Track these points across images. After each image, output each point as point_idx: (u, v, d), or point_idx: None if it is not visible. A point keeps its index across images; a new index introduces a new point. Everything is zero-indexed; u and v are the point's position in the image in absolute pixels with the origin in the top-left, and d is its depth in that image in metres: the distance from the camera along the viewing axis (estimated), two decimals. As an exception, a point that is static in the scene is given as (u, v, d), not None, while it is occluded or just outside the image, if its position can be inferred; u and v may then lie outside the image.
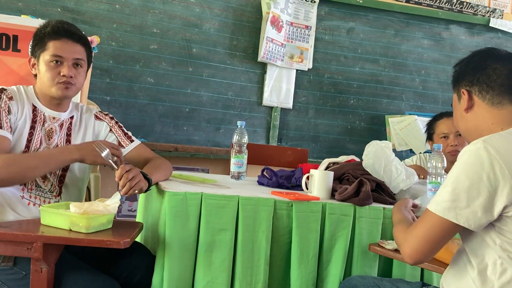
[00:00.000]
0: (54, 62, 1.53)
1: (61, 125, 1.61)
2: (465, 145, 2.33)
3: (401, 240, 1.18)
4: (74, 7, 2.89)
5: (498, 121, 1.16)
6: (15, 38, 2.40)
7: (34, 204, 1.52)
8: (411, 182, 1.71)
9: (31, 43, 1.59)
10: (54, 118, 1.60)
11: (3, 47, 2.39)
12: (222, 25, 3.22)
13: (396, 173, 1.69)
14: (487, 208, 1.03)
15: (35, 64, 1.58)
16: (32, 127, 1.54)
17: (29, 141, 1.53)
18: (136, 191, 1.43)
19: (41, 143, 1.56)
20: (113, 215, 1.36)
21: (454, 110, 1.31)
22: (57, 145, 1.59)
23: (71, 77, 1.54)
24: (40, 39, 1.55)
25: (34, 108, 1.58)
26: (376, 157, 1.69)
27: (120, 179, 1.39)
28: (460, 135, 2.22)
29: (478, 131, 1.19)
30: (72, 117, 1.65)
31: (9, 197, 1.49)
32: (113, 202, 1.34)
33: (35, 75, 1.60)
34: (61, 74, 1.53)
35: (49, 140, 1.58)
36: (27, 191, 1.52)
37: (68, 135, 1.63)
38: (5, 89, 1.54)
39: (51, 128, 1.59)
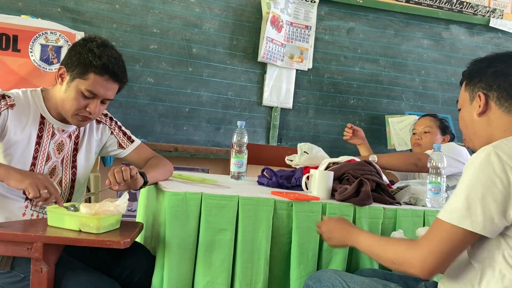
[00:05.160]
0: (86, 96, 1.47)
1: (69, 136, 1.59)
2: (427, 144, 2.48)
3: (407, 256, 1.11)
4: (74, 7, 2.89)
5: (510, 128, 1.14)
6: (15, 38, 2.41)
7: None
8: None
9: (70, 54, 1.49)
10: (63, 130, 1.56)
11: (3, 47, 2.39)
12: (222, 25, 3.22)
13: None
14: (502, 214, 1.01)
15: (64, 76, 1.49)
16: (38, 142, 1.50)
17: (34, 157, 1.49)
18: (128, 181, 1.41)
19: (48, 157, 1.52)
20: (121, 215, 1.36)
21: (461, 109, 1.27)
22: (64, 158, 1.56)
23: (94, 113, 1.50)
24: (84, 65, 1.45)
25: (42, 120, 1.51)
26: None
27: (110, 177, 1.40)
28: (426, 132, 2.40)
29: (488, 137, 1.17)
30: None
31: (10, 212, 1.47)
32: (122, 202, 1.34)
33: (56, 82, 1.52)
34: (87, 109, 1.49)
35: (59, 153, 1.55)
36: (30, 210, 1.50)
37: (76, 143, 1.61)
38: (9, 96, 1.46)
39: (62, 141, 1.56)
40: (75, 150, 1.60)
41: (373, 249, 1.25)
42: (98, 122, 1.68)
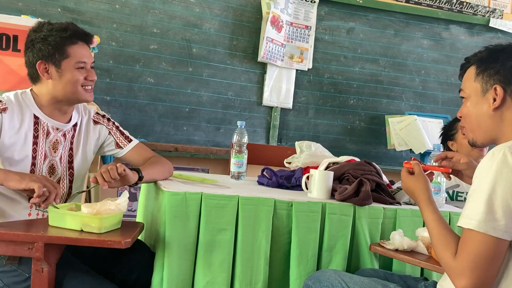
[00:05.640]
0: (80, 68, 1.51)
1: (64, 135, 1.58)
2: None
3: (450, 266, 1.06)
4: (74, 7, 2.89)
5: None
6: (15, 38, 2.40)
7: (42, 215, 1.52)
8: None
9: (37, 47, 1.48)
10: (57, 128, 1.56)
11: (3, 47, 2.39)
12: (222, 25, 3.23)
13: None
14: None
15: (48, 69, 1.49)
16: (35, 142, 1.50)
17: (34, 157, 1.49)
18: (116, 179, 1.41)
19: (45, 156, 1.52)
20: (122, 215, 1.37)
21: (467, 98, 1.19)
22: (61, 156, 1.56)
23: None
24: (59, 45, 1.47)
25: (36, 120, 1.51)
26: None
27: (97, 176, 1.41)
28: None
29: (496, 133, 1.14)
30: (75, 125, 1.62)
31: (16, 212, 1.47)
32: (123, 201, 1.34)
33: (41, 79, 1.51)
34: (89, 79, 1.53)
35: (54, 152, 1.55)
36: (35, 209, 1.51)
37: (71, 143, 1.60)
38: (0, 101, 1.46)
39: (56, 140, 1.55)
40: (71, 149, 1.60)
41: (429, 232, 1.19)
42: (96, 122, 1.67)
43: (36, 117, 1.51)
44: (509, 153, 1.00)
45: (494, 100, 1.12)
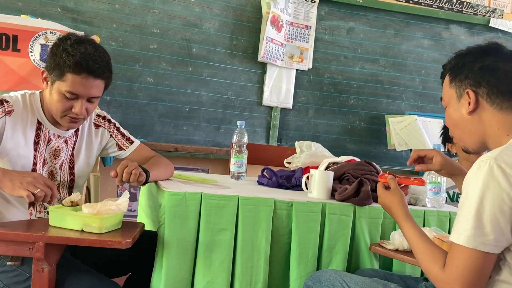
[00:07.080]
0: (68, 96, 1.43)
1: (66, 141, 1.57)
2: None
3: (438, 279, 1.07)
4: (74, 7, 2.89)
5: (505, 127, 1.09)
6: (15, 38, 2.41)
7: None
8: None
9: (49, 57, 1.45)
10: (59, 136, 1.54)
11: (3, 47, 2.39)
12: (222, 25, 3.23)
13: None
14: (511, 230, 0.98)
15: (48, 80, 1.46)
16: (36, 148, 1.48)
17: (34, 163, 1.48)
18: (133, 182, 1.41)
19: (45, 162, 1.51)
20: (123, 215, 1.37)
21: (448, 106, 1.21)
22: (62, 163, 1.55)
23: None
24: (60, 66, 1.40)
25: (39, 126, 1.49)
26: None
27: (118, 172, 1.40)
28: None
29: (482, 136, 1.14)
30: (77, 131, 1.60)
31: (14, 217, 1.47)
32: (123, 201, 1.34)
33: (44, 86, 1.49)
34: (73, 110, 1.44)
35: (55, 159, 1.54)
36: (35, 217, 1.50)
37: (73, 148, 1.59)
38: (7, 101, 1.44)
39: (58, 147, 1.54)
40: (72, 155, 1.59)
41: (413, 247, 1.20)
42: (97, 126, 1.66)
43: (39, 123, 1.50)
44: (495, 165, 0.98)
45: (469, 104, 1.13)
